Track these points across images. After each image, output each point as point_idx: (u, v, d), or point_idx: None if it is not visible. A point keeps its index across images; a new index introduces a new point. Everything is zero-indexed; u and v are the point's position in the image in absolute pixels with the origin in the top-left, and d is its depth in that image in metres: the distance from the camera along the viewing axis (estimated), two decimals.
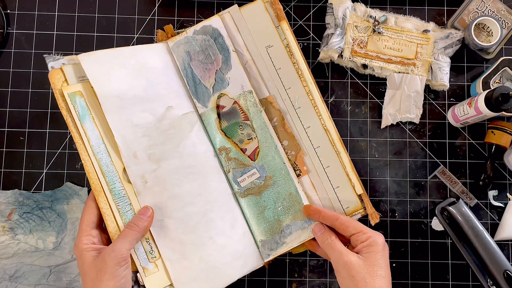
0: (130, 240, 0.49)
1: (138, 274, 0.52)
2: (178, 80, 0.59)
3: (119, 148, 0.52)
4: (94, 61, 0.54)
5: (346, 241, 0.53)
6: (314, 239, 0.55)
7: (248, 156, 0.58)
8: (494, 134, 0.63)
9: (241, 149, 0.58)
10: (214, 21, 0.59)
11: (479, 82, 0.63)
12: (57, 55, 0.55)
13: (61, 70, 0.53)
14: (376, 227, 0.64)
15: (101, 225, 0.53)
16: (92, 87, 0.53)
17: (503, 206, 0.65)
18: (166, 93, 0.57)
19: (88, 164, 0.52)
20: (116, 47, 0.64)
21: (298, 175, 0.57)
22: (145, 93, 0.55)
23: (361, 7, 0.65)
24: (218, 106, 0.59)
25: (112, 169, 0.52)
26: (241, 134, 0.58)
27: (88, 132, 0.52)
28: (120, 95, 0.54)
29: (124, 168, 0.53)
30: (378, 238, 0.50)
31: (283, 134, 0.58)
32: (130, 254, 0.50)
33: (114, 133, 0.52)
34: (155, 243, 0.52)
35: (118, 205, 0.52)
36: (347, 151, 0.60)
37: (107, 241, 0.52)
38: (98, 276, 0.47)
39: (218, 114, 0.58)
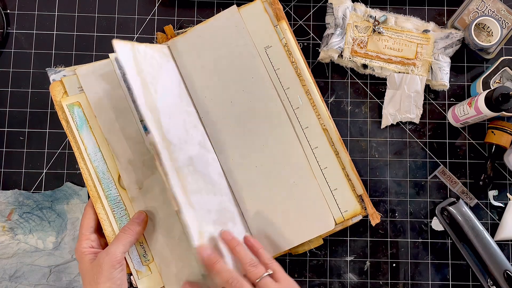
0: (124, 243, 0.51)
1: (131, 277, 0.53)
2: (177, 83, 0.58)
3: (114, 156, 0.54)
4: (90, 73, 0.55)
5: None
6: None
7: None
8: (494, 134, 0.63)
9: None
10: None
11: (479, 82, 0.63)
12: (59, 67, 0.56)
13: (61, 83, 0.55)
14: (376, 227, 0.64)
15: (99, 230, 0.54)
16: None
17: (503, 206, 0.65)
18: (164, 99, 0.56)
19: (86, 172, 0.54)
20: None
21: None
22: None
23: (361, 7, 0.65)
24: None
25: (108, 176, 0.54)
26: None
27: (85, 141, 0.54)
28: (115, 106, 0.55)
29: (120, 175, 0.54)
30: None
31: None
32: (124, 257, 0.51)
33: (109, 142, 0.54)
34: (148, 247, 0.54)
35: (113, 211, 0.54)
36: (347, 151, 0.60)
37: (106, 245, 0.54)
38: (95, 279, 0.48)
39: None
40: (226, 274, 0.46)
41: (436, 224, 0.64)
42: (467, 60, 0.67)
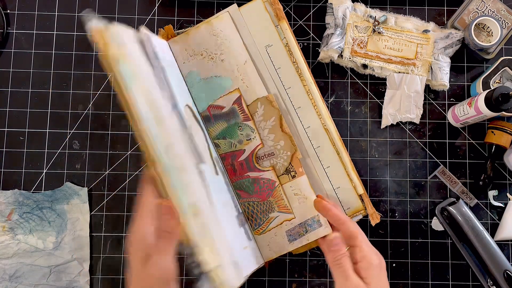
0: (174, 249, 0.44)
1: None
2: (179, 82, 0.58)
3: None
4: (129, 35, 0.48)
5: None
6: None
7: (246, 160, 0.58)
8: (494, 134, 0.63)
9: (240, 150, 0.58)
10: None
11: (479, 82, 0.63)
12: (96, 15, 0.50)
13: (105, 30, 0.45)
14: (376, 227, 0.64)
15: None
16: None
17: (503, 206, 0.65)
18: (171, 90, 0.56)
19: (140, 129, 0.45)
20: None
21: (293, 177, 0.57)
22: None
23: (361, 7, 0.65)
24: (216, 107, 0.58)
25: (160, 140, 0.45)
26: (241, 134, 0.58)
27: (135, 97, 0.45)
28: (153, 79, 0.49)
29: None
30: (374, 259, 0.48)
31: (279, 134, 0.58)
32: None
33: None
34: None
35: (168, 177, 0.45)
36: (347, 151, 0.60)
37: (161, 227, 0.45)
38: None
39: (215, 116, 0.58)
40: (341, 215, 0.52)
41: (436, 224, 0.64)
42: (467, 60, 0.67)
